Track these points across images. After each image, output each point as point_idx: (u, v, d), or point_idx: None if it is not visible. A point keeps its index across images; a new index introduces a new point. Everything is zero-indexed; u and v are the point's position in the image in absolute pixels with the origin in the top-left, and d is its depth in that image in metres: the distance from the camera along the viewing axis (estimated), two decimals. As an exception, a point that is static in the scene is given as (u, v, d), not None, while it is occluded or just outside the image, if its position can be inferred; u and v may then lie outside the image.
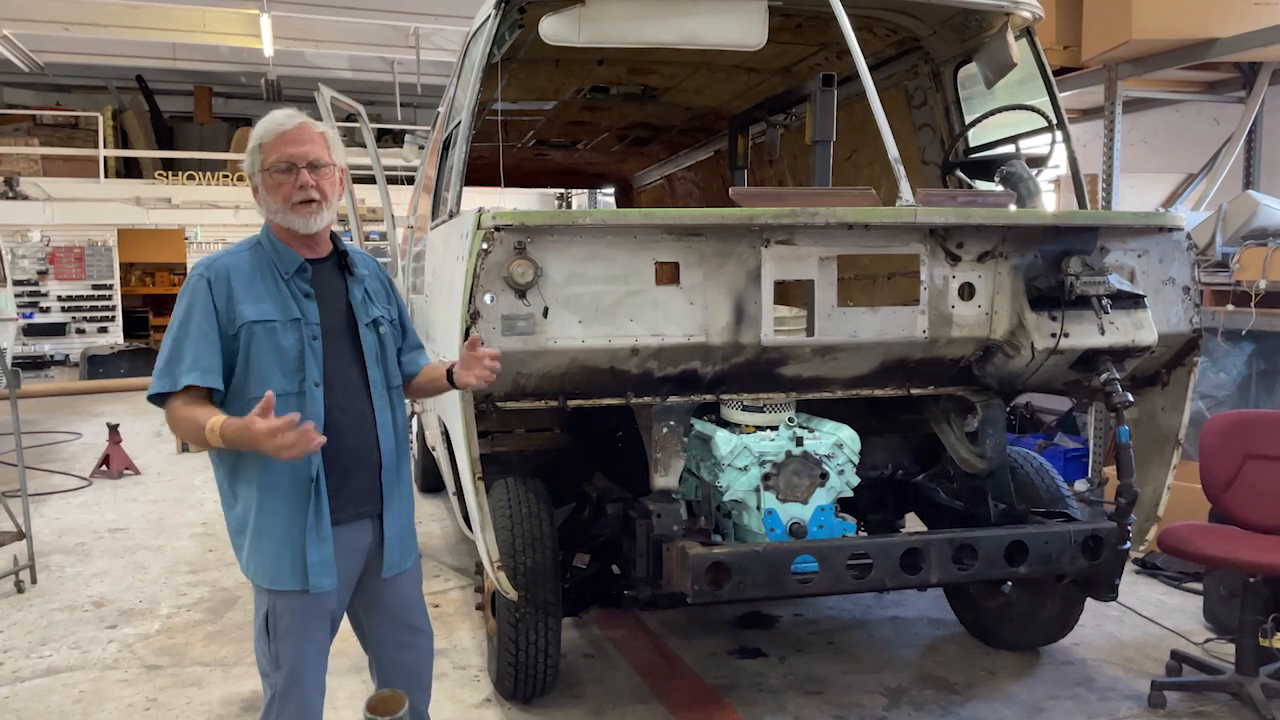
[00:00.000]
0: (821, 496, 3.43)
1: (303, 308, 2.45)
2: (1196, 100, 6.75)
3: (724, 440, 3.39)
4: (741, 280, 3.16)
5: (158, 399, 2.38)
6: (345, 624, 2.72)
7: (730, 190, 3.38)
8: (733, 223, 3.11)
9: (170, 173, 15.89)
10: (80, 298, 15.35)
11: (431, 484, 7.14)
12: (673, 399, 3.38)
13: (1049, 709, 3.83)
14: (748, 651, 4.39)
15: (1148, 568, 5.36)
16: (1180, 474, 3.86)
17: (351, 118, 6.17)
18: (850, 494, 3.52)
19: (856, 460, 3.51)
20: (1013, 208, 3.73)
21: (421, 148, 6.70)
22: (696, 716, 3.80)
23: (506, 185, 9.36)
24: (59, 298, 15.23)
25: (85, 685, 4.11)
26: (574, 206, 15.28)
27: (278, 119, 2.45)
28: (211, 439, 2.27)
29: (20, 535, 5.39)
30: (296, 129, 2.43)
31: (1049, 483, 4.15)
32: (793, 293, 3.59)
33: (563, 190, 15.26)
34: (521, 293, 3.03)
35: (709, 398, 3.45)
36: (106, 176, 15.63)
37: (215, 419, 2.27)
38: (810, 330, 3.22)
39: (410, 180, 9.04)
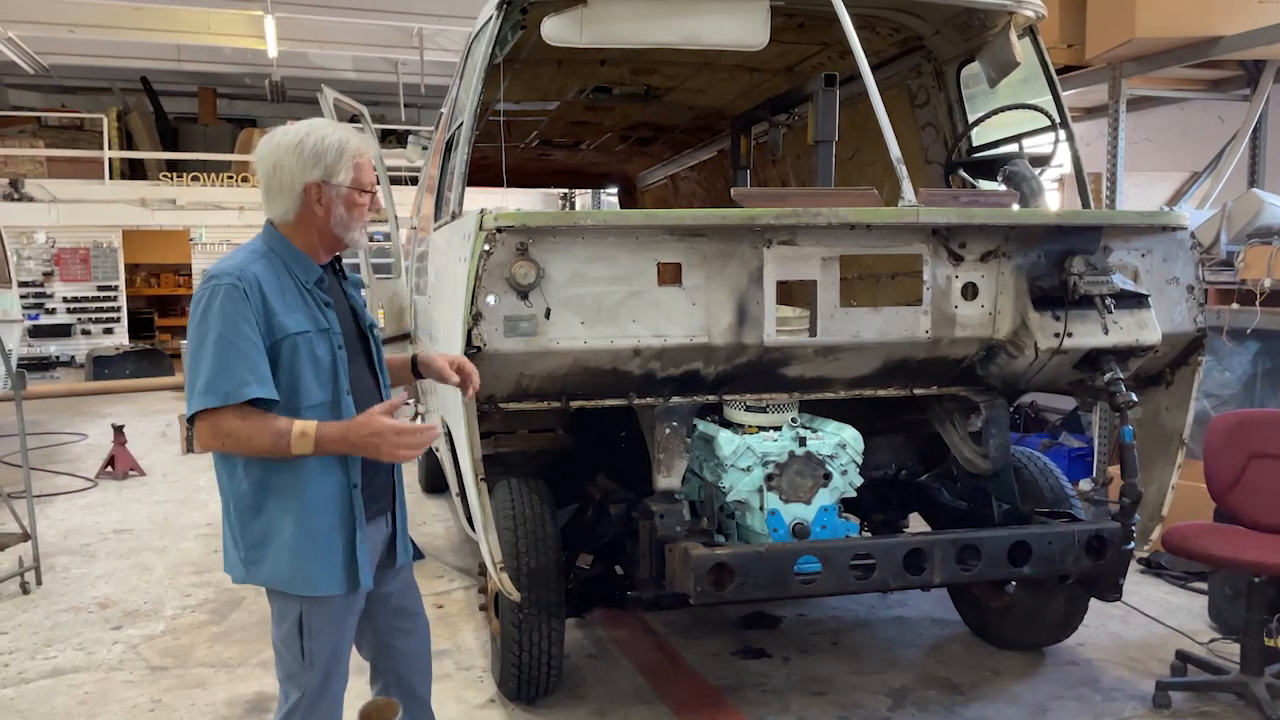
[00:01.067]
0: (825, 497, 3.43)
1: (328, 317, 2.45)
2: (1201, 98, 6.73)
3: (727, 441, 3.39)
4: (744, 281, 3.16)
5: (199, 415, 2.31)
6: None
7: (732, 191, 3.38)
8: (735, 223, 3.11)
9: (175, 174, 15.91)
10: (85, 299, 15.39)
11: (435, 485, 7.14)
12: (675, 400, 3.37)
13: (1053, 709, 3.83)
14: (751, 652, 4.39)
15: (1152, 567, 5.34)
16: (1185, 473, 3.85)
17: (355, 119, 6.17)
18: (853, 494, 3.51)
19: (860, 460, 3.50)
20: (1016, 207, 3.72)
21: (425, 148, 6.71)
22: (700, 717, 3.80)
23: (509, 186, 9.36)
24: (64, 299, 15.26)
25: (90, 686, 4.11)
26: (577, 207, 15.28)
27: (367, 140, 2.48)
28: (300, 445, 2.26)
29: (25, 536, 5.41)
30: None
31: (1053, 482, 4.14)
32: (795, 293, 3.59)
33: (566, 190, 15.26)
34: (524, 294, 3.03)
35: (712, 398, 3.45)
36: (111, 178, 15.66)
37: (303, 423, 2.27)
38: (813, 330, 3.22)
39: (414, 181, 9.04)
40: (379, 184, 2.51)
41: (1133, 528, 3.37)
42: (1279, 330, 5.34)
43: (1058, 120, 4.06)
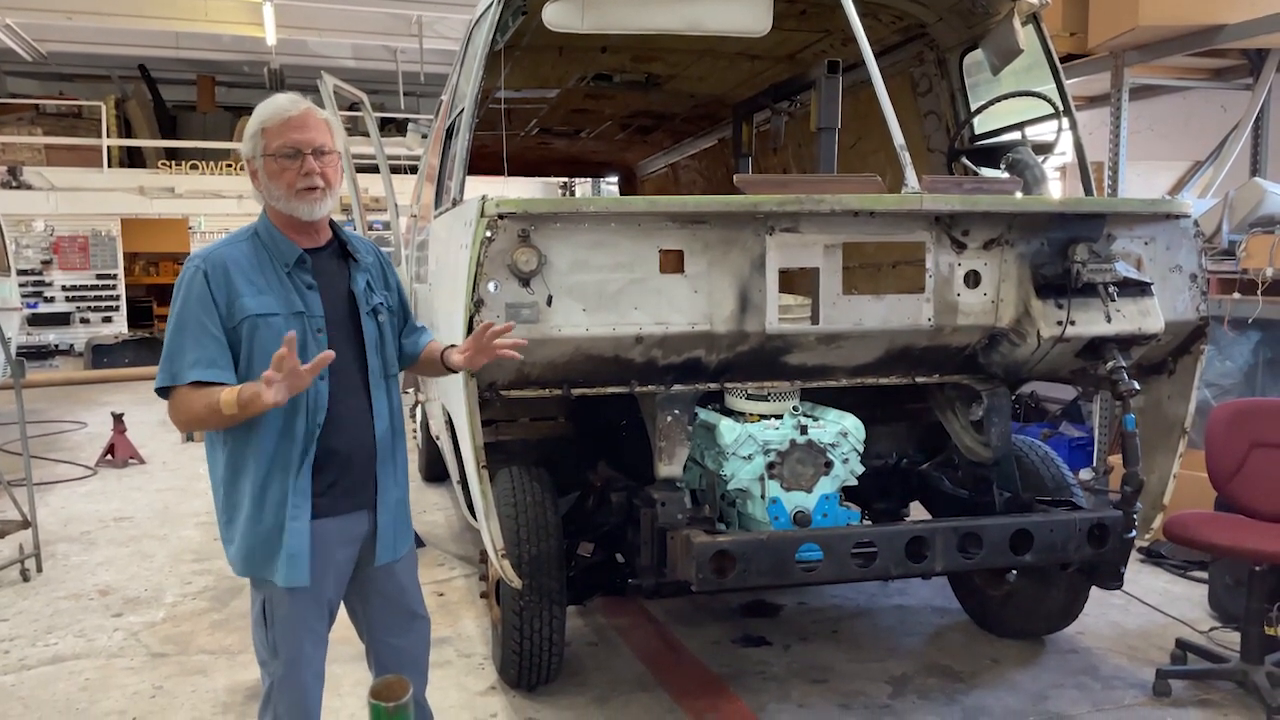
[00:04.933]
0: (826, 485, 3.43)
1: (305, 300, 2.43)
2: (1203, 87, 6.72)
3: (728, 429, 3.38)
4: (746, 268, 3.15)
5: (162, 393, 2.39)
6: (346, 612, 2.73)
7: (735, 177, 3.37)
8: (737, 210, 3.10)
9: (173, 162, 15.87)
10: (84, 287, 15.37)
11: (436, 473, 7.15)
12: (677, 387, 3.37)
13: (1053, 697, 3.83)
14: (752, 640, 4.40)
15: (1153, 556, 5.35)
16: (1186, 462, 3.85)
17: (355, 106, 6.16)
18: (855, 482, 3.51)
19: (861, 449, 3.50)
20: (1019, 195, 3.71)
21: (425, 136, 6.69)
22: (701, 704, 3.80)
23: (509, 174, 9.35)
24: (63, 287, 15.24)
25: (91, 673, 4.12)
26: (577, 196, 15.26)
27: (281, 104, 2.42)
28: (227, 409, 2.23)
29: (26, 524, 5.41)
30: (301, 115, 2.40)
31: (1054, 471, 4.14)
32: (797, 281, 3.58)
33: (566, 179, 15.23)
34: (525, 281, 3.02)
35: (713, 386, 3.44)
36: (110, 166, 15.61)
37: (228, 391, 2.25)
38: (815, 318, 3.21)
39: (413, 169, 9.02)
40: (317, 142, 2.40)
41: (1134, 516, 3.37)
42: (1280, 320, 5.34)
43: (1061, 108, 4.05)
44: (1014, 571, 4.20)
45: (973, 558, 3.28)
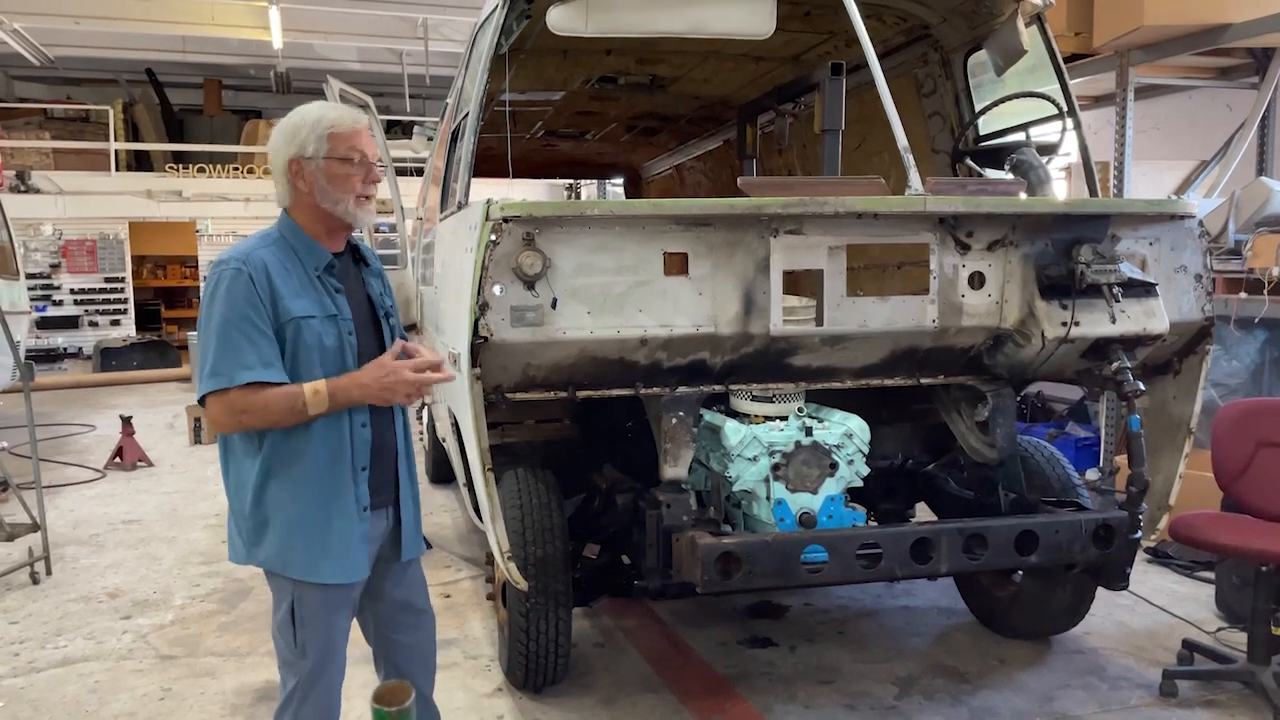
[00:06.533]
0: (831, 486, 3.43)
1: (336, 303, 2.47)
2: (1209, 86, 6.71)
3: (733, 431, 3.39)
4: (750, 270, 3.15)
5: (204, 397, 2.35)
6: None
7: (739, 180, 3.38)
8: (741, 213, 3.10)
9: (181, 165, 15.93)
10: (92, 291, 15.42)
11: (442, 475, 7.16)
12: (682, 389, 3.37)
13: (1060, 698, 3.83)
14: (758, 641, 4.40)
15: (1159, 557, 5.34)
16: (1192, 463, 3.85)
17: (361, 109, 6.16)
18: (860, 484, 3.51)
19: (866, 450, 3.50)
20: (1023, 196, 3.71)
21: (430, 139, 6.72)
22: (707, 705, 3.81)
23: (515, 176, 9.36)
24: (71, 291, 15.30)
25: (100, 675, 4.14)
26: (583, 197, 15.26)
27: (350, 112, 2.48)
28: (315, 403, 2.31)
29: (35, 527, 5.43)
30: (364, 128, 2.48)
31: (1060, 472, 4.13)
32: (802, 282, 3.58)
33: (571, 181, 15.24)
34: (530, 284, 3.03)
35: (718, 388, 3.45)
36: (117, 170, 15.67)
37: (314, 383, 2.32)
38: (819, 320, 3.22)
39: (419, 172, 9.03)
40: (376, 156, 2.49)
41: (1140, 517, 3.37)
42: (1287, 319, 5.32)
43: (1065, 108, 4.05)
44: (1020, 572, 4.20)
45: (978, 559, 3.28)
